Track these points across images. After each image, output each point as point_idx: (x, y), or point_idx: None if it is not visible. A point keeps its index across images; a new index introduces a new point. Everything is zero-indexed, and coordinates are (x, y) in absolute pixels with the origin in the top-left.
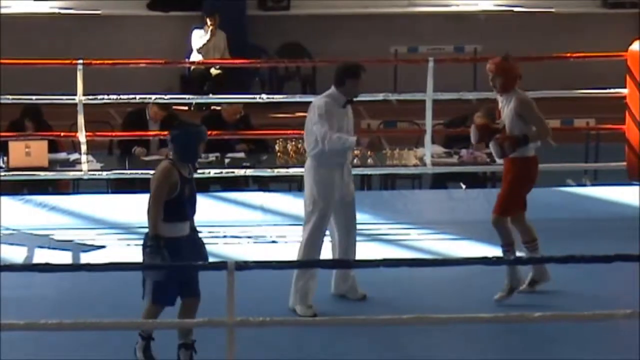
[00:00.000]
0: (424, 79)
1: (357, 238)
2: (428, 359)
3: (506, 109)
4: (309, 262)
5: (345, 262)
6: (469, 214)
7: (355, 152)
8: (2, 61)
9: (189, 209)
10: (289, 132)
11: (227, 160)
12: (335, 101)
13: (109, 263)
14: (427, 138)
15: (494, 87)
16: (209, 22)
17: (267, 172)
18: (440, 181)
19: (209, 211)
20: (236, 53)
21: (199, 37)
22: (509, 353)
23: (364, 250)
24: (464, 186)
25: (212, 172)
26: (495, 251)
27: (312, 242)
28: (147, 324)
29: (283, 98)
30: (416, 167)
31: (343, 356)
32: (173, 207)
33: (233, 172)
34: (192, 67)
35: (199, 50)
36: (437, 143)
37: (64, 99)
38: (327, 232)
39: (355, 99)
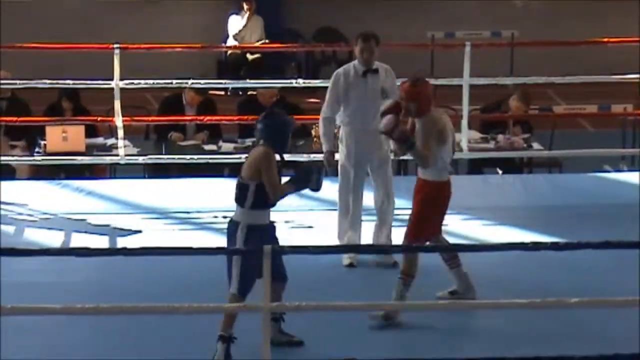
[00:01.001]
0: (460, 64)
1: (394, 223)
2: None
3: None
4: (346, 246)
5: (382, 247)
6: (505, 199)
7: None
8: (39, 46)
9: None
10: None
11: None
12: (355, 71)
13: (145, 248)
14: (464, 123)
15: (408, 113)
16: (245, 7)
17: (303, 157)
18: (476, 167)
19: None
20: (272, 38)
21: (235, 23)
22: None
23: (401, 236)
24: (500, 172)
25: None
26: (532, 237)
27: (341, 199)
28: (185, 308)
29: (319, 83)
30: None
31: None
32: (266, 195)
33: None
34: (229, 51)
35: (235, 37)
36: (474, 128)
37: (101, 84)
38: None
39: (373, 69)
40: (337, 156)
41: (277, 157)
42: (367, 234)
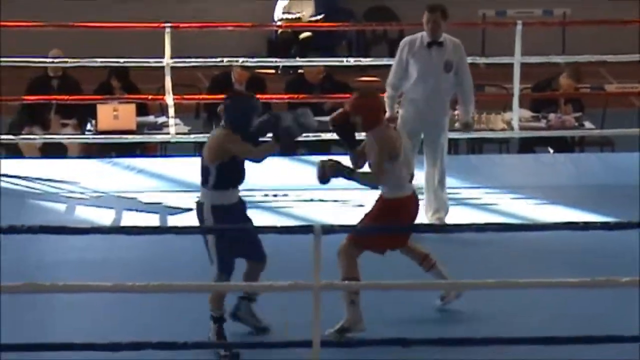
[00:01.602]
0: (512, 42)
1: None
2: None
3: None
4: (395, 227)
5: (433, 226)
6: (557, 178)
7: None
8: (90, 24)
9: (243, 175)
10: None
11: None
12: (421, 41)
13: (195, 226)
14: (515, 102)
15: (354, 125)
16: None
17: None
18: (527, 146)
19: (295, 175)
20: (324, 16)
21: (281, 7)
22: None
23: (452, 215)
24: (551, 151)
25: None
26: (583, 216)
27: None
28: (234, 286)
29: (370, 61)
30: (504, 132)
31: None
32: (226, 175)
33: (320, 136)
34: (279, 30)
35: (284, 13)
36: (525, 107)
37: (152, 62)
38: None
39: (438, 41)
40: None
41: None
42: None
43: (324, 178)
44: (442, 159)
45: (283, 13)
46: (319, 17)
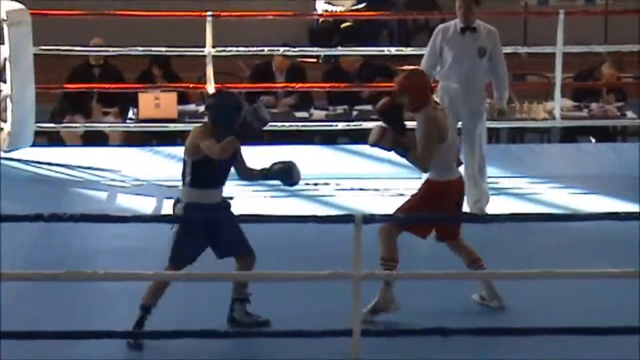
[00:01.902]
0: (554, 31)
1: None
2: None
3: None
4: (430, 215)
5: (474, 216)
6: (599, 168)
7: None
8: (132, 13)
9: (222, 176)
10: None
11: (354, 113)
12: (455, 27)
13: (237, 215)
14: (557, 91)
15: (402, 106)
16: None
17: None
18: (569, 135)
19: (336, 164)
20: (366, 5)
21: None
22: None
23: (492, 204)
24: (593, 140)
25: (340, 125)
26: (626, 206)
27: None
28: (275, 275)
29: (411, 51)
30: (545, 121)
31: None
32: (204, 173)
33: (360, 125)
34: (321, 19)
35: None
36: (567, 96)
37: (193, 51)
38: None
39: (471, 27)
40: None
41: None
42: None
43: (377, 144)
44: (481, 147)
45: (325, 2)
46: (360, 6)
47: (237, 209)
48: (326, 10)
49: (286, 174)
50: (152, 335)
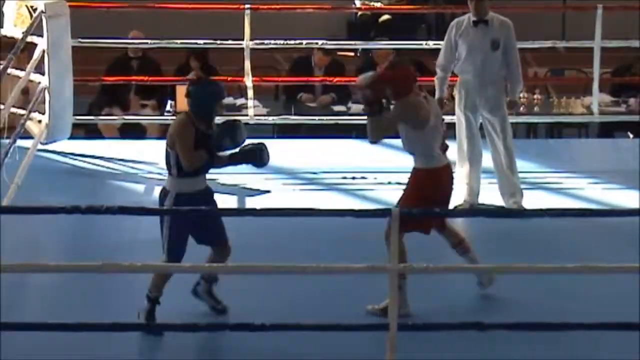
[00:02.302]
0: (592, 26)
1: (523, 186)
2: None
3: None
4: (470, 210)
5: (507, 211)
6: (636, 163)
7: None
8: (170, 5)
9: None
10: (455, 79)
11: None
12: (468, 21)
13: (273, 208)
14: (595, 86)
15: (386, 96)
16: None
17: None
18: (607, 130)
19: (374, 158)
20: (405, 1)
21: None
22: None
23: (530, 199)
24: (631, 135)
25: None
26: None
27: (458, 147)
28: (314, 268)
29: None
30: (583, 116)
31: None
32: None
33: None
34: (359, 12)
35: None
36: (605, 91)
37: (232, 44)
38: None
39: (483, 20)
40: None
41: (202, 124)
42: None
43: (360, 88)
44: (506, 141)
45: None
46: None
47: (274, 202)
48: (365, 4)
49: (255, 155)
50: (190, 328)
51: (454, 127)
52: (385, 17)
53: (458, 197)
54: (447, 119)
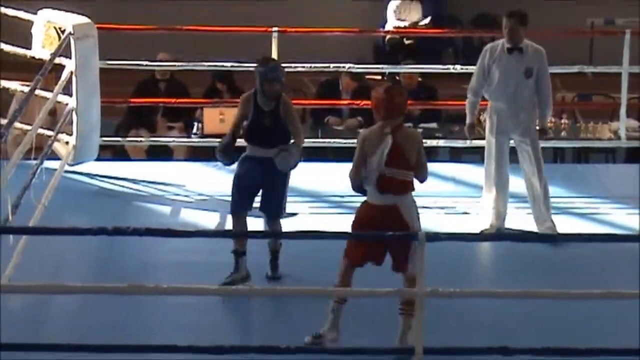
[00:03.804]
0: (620, 51)
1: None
2: None
3: None
4: (497, 234)
5: (533, 236)
6: None
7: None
8: (198, 28)
9: (265, 137)
10: (482, 103)
11: (419, 131)
12: (502, 47)
13: (299, 231)
14: (622, 111)
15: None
16: None
17: (460, 143)
18: (634, 155)
19: None
20: (431, 23)
21: (392, 12)
22: None
23: (556, 224)
24: None
25: None
26: None
27: (486, 172)
28: (339, 291)
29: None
30: (610, 141)
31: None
32: (248, 132)
33: (425, 142)
34: (388, 36)
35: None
36: (632, 117)
37: None
38: None
39: (518, 47)
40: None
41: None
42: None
43: None
44: (539, 167)
45: (396, 19)
46: (426, 20)
47: (301, 225)
48: (396, 27)
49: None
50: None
51: (482, 151)
52: (410, 40)
53: (484, 222)
54: (477, 143)
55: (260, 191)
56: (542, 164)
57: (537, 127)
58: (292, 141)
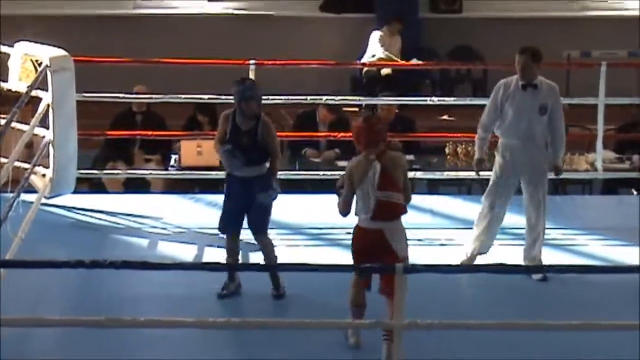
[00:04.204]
0: (596, 83)
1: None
2: None
3: None
4: (474, 266)
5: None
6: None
7: None
8: (175, 61)
9: (249, 157)
10: (458, 135)
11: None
12: (516, 83)
13: (277, 264)
14: (599, 143)
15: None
16: (396, 29)
17: (437, 175)
18: (611, 187)
19: None
20: (409, 55)
21: (379, 40)
22: None
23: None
24: (635, 192)
25: None
26: None
27: (483, 206)
28: (318, 324)
29: (453, 101)
30: (587, 172)
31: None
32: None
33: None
34: (365, 69)
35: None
36: (609, 148)
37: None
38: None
39: (532, 84)
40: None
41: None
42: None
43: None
44: (543, 208)
45: (381, 47)
46: (416, 60)
47: (278, 257)
48: (381, 57)
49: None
50: None
51: (459, 183)
52: (387, 70)
53: (466, 251)
54: (453, 175)
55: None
56: (546, 205)
57: (552, 164)
58: (267, 164)
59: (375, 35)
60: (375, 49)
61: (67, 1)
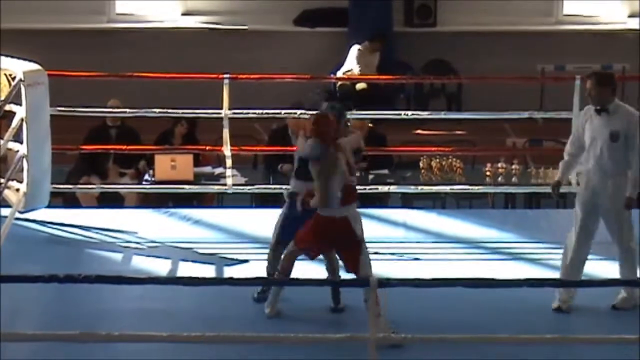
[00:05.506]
0: (570, 97)
1: (500, 256)
2: None
3: None
4: (450, 280)
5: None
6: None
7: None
8: (149, 75)
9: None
10: (433, 149)
11: (370, 177)
12: (593, 109)
13: (252, 277)
14: None
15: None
16: (378, 46)
17: (411, 189)
18: None
19: None
20: (383, 69)
21: (357, 55)
22: None
23: (508, 269)
24: None
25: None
26: None
27: (568, 238)
28: (291, 338)
29: (428, 115)
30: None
31: None
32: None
33: (377, 189)
34: (339, 83)
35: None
36: None
37: (210, 113)
38: None
39: (604, 108)
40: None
41: None
42: None
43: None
44: (622, 236)
45: (357, 65)
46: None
47: (252, 272)
48: (347, 71)
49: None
50: None
51: (434, 197)
52: (362, 85)
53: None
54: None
55: None
56: (623, 233)
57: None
58: None
59: (354, 51)
60: (351, 64)
61: (41, 15)
